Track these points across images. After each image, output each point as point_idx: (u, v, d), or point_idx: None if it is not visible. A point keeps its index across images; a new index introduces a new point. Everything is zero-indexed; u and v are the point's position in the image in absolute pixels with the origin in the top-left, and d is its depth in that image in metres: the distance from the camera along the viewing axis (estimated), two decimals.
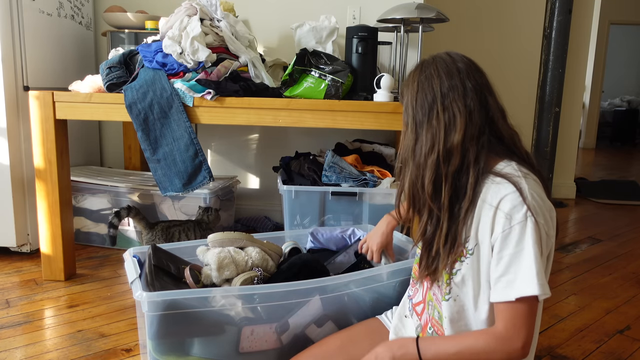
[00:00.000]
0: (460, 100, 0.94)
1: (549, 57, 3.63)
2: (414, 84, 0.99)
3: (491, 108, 0.97)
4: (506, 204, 0.89)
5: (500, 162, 0.96)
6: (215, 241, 1.45)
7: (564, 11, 3.55)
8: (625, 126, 8.81)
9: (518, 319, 0.88)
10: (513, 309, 0.88)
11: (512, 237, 0.87)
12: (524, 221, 0.87)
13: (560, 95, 3.67)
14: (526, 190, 0.89)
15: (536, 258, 0.86)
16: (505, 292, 0.88)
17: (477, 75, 0.98)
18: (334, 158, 2.15)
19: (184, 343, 1.23)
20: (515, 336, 0.88)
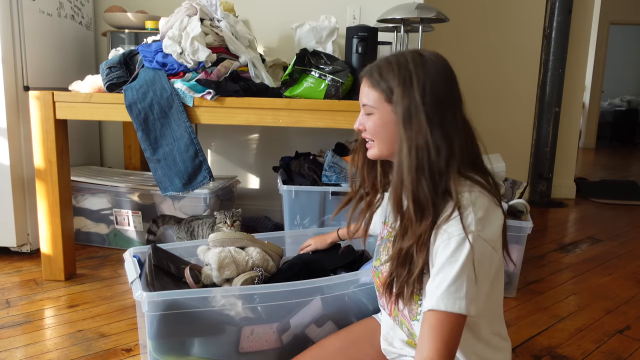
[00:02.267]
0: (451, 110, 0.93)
1: (549, 57, 3.64)
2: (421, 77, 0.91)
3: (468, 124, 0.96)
4: (450, 224, 0.86)
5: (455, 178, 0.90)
6: (216, 241, 1.45)
7: (564, 11, 3.55)
8: (625, 126, 8.81)
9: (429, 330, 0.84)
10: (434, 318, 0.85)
11: (449, 248, 0.85)
12: (463, 237, 0.84)
13: (560, 95, 3.67)
14: (471, 210, 0.86)
15: (469, 275, 0.83)
16: (433, 300, 0.85)
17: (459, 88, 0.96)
18: (334, 158, 2.15)
19: (184, 343, 1.23)
20: (424, 346, 0.84)
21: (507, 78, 3.73)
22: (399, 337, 1.10)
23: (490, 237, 0.87)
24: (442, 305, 0.84)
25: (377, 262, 1.10)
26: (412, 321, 0.99)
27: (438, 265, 0.87)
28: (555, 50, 3.60)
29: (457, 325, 0.85)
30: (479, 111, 3.70)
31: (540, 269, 2.36)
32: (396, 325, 1.11)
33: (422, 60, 0.93)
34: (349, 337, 1.21)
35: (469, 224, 0.85)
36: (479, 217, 0.86)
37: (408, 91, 0.91)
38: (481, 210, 0.87)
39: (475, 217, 0.86)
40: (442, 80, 0.92)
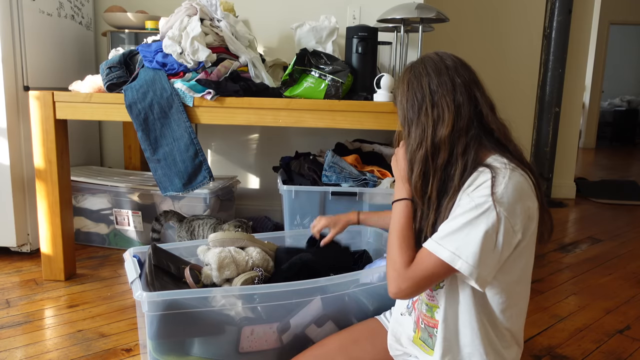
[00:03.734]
0: (449, 96, 0.97)
1: (549, 57, 3.64)
2: (404, 84, 1.02)
3: (480, 102, 1.00)
4: (478, 189, 0.91)
5: (491, 156, 0.97)
6: (216, 241, 1.45)
7: (564, 11, 3.55)
8: (625, 126, 8.81)
9: (424, 268, 0.93)
10: (428, 258, 0.92)
11: (477, 210, 0.89)
12: (491, 207, 0.88)
13: (560, 95, 3.67)
14: (503, 182, 0.90)
15: (485, 242, 0.88)
16: (437, 246, 0.92)
17: (465, 72, 1.00)
18: (334, 158, 2.15)
19: (184, 343, 1.23)
20: (407, 276, 0.93)
21: (507, 78, 3.73)
22: (407, 333, 1.11)
23: (513, 216, 0.90)
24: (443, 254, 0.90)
25: None
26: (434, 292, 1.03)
27: (459, 221, 0.90)
28: (555, 50, 3.60)
29: (441, 274, 0.92)
30: None
31: (540, 269, 2.36)
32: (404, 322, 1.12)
33: (410, 68, 1.04)
34: (350, 336, 1.21)
35: (497, 198, 0.89)
36: (510, 194, 0.90)
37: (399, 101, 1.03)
38: (514, 188, 0.90)
39: (506, 191, 0.89)
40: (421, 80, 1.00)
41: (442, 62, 1.01)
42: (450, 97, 0.97)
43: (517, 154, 0.99)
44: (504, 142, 1.00)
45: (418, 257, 0.94)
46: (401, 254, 0.96)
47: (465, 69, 1.01)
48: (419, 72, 1.00)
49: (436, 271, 0.92)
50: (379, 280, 1.34)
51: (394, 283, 0.95)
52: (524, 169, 0.95)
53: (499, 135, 1.00)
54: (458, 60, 1.02)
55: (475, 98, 0.99)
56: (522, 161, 0.98)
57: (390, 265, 0.97)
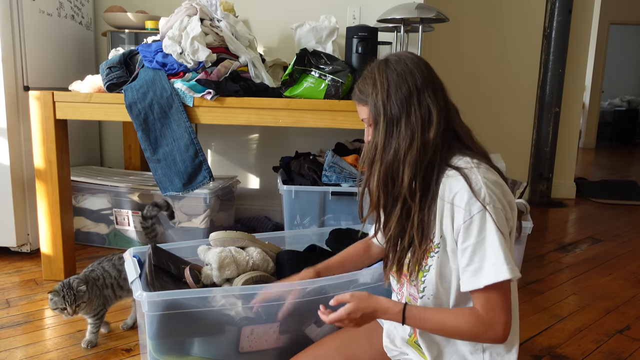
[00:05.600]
0: (432, 95, 0.97)
1: (549, 57, 3.63)
2: (384, 80, 0.98)
3: (450, 105, 1.01)
4: (461, 199, 0.91)
5: (454, 156, 0.97)
6: (217, 240, 1.45)
7: (564, 11, 3.55)
8: (625, 126, 8.80)
9: (495, 304, 0.90)
10: (488, 295, 0.90)
11: (473, 227, 0.89)
12: (483, 210, 0.89)
13: (560, 95, 3.67)
14: (479, 180, 0.91)
15: (501, 243, 0.88)
16: (472, 281, 0.90)
17: (436, 74, 1.01)
18: (334, 158, 2.15)
19: (184, 343, 1.23)
20: (495, 321, 0.90)
21: (507, 78, 3.73)
22: (400, 335, 1.11)
23: (504, 207, 0.91)
24: (488, 280, 0.88)
25: None
26: (418, 300, 1.02)
27: (470, 248, 0.90)
28: (555, 50, 3.60)
29: (507, 290, 0.91)
30: (479, 111, 3.70)
31: (540, 269, 2.36)
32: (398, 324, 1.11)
33: (386, 65, 1.00)
34: (348, 336, 1.21)
35: (483, 197, 0.89)
36: (492, 190, 0.91)
37: (374, 98, 0.99)
38: (492, 184, 0.92)
39: (488, 190, 0.90)
40: (405, 76, 0.97)
41: (420, 60, 1.00)
42: (434, 97, 0.97)
43: (480, 152, 1.00)
44: (469, 143, 1.01)
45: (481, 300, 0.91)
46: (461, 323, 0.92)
47: (435, 72, 1.02)
48: (401, 69, 0.97)
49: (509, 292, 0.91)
50: (377, 281, 1.34)
51: (494, 337, 0.91)
52: (487, 163, 0.97)
53: (464, 137, 1.01)
54: (428, 63, 1.02)
55: (447, 101, 1.00)
56: (486, 157, 1.00)
57: (472, 335, 0.93)
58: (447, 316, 0.95)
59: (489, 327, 0.90)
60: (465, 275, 0.91)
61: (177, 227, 2.36)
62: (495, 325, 0.90)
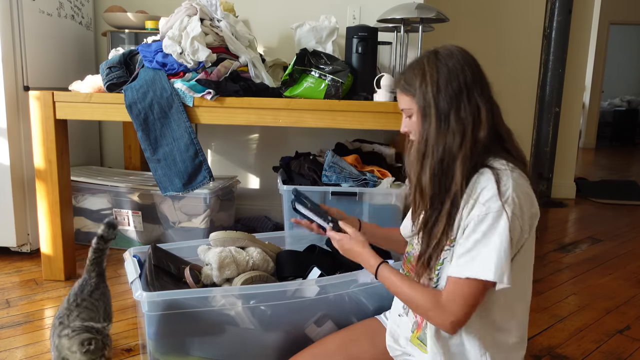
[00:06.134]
0: (482, 94, 0.96)
1: (549, 57, 3.63)
2: (434, 72, 0.96)
3: (495, 105, 1.00)
4: (485, 195, 0.90)
5: (491, 157, 0.96)
6: (217, 240, 1.45)
7: (564, 11, 3.55)
8: (625, 126, 8.80)
9: (459, 295, 0.91)
10: (459, 285, 0.91)
11: (484, 223, 0.89)
12: (499, 211, 0.88)
13: (560, 95, 3.67)
14: (509, 182, 0.90)
15: (501, 247, 0.88)
16: (461, 269, 0.91)
17: (484, 73, 1.00)
18: (334, 158, 2.15)
19: (184, 343, 1.23)
20: (451, 310, 0.91)
21: (507, 78, 3.73)
22: (404, 334, 1.12)
23: (522, 216, 0.91)
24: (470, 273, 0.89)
25: (409, 247, 1.14)
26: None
27: (472, 241, 0.90)
28: (555, 50, 3.60)
29: (480, 292, 0.91)
30: None
31: (540, 269, 2.36)
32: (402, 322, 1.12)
33: (436, 57, 0.98)
34: (349, 336, 1.21)
35: (506, 199, 0.89)
36: (518, 196, 0.90)
37: (423, 90, 0.97)
38: (520, 190, 0.91)
39: (513, 194, 0.89)
40: (456, 72, 0.96)
41: (470, 57, 0.99)
42: (484, 95, 0.96)
43: (519, 157, 0.99)
44: (509, 146, 0.99)
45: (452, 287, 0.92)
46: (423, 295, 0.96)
47: (482, 69, 1.00)
48: (452, 63, 0.96)
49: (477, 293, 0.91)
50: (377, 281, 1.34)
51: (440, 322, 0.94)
52: (522, 170, 0.96)
53: (505, 139, 0.99)
54: (476, 59, 1.00)
55: (493, 100, 1.00)
56: (523, 163, 0.98)
57: (424, 311, 0.96)
58: (413, 286, 0.98)
59: (441, 312, 0.92)
60: (459, 261, 0.92)
61: (177, 227, 2.36)
62: (447, 314, 0.92)
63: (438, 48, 1.01)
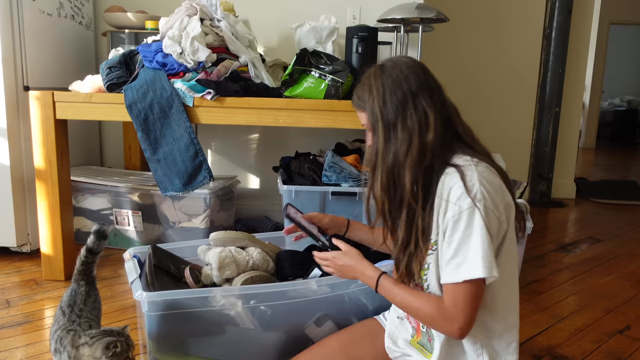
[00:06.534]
0: (428, 98, 0.98)
1: (549, 57, 3.63)
2: (379, 86, 0.99)
3: (448, 106, 1.01)
4: (454, 194, 0.91)
5: (455, 155, 0.98)
6: (217, 240, 1.45)
7: (564, 11, 3.55)
8: (625, 126, 8.80)
9: (460, 300, 0.91)
10: (457, 290, 0.91)
11: (461, 222, 0.90)
12: (472, 207, 0.89)
13: (560, 95, 3.67)
14: (474, 177, 0.91)
15: (483, 242, 0.89)
16: (453, 275, 0.91)
17: (434, 77, 1.02)
18: (334, 158, 2.15)
19: (184, 343, 1.23)
20: (455, 316, 0.91)
21: (507, 78, 3.73)
22: (403, 336, 1.12)
23: (496, 207, 0.91)
24: (464, 276, 0.89)
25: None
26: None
27: (455, 242, 0.91)
28: (555, 50, 3.60)
29: (478, 291, 0.91)
30: (479, 111, 3.70)
31: (540, 269, 2.36)
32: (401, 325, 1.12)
33: (381, 70, 1.01)
34: (349, 336, 1.21)
35: (475, 194, 0.90)
36: (486, 189, 0.91)
37: (370, 104, 1.00)
38: (487, 183, 0.92)
39: (481, 188, 0.90)
40: (400, 81, 0.98)
41: (416, 65, 1.01)
42: (431, 100, 0.97)
43: (482, 151, 1.01)
44: (471, 143, 1.01)
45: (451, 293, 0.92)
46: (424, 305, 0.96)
47: (432, 74, 1.02)
48: (396, 74, 0.98)
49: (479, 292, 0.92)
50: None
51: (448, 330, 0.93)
52: (488, 162, 0.97)
53: (466, 137, 1.01)
54: (424, 65, 1.03)
55: (446, 101, 1.01)
56: (488, 157, 1.00)
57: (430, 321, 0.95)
58: (415, 297, 0.97)
59: (446, 320, 0.92)
60: (448, 268, 0.92)
61: (177, 227, 2.36)
62: (452, 321, 0.91)
63: (385, 61, 1.03)
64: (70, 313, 1.22)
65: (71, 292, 1.29)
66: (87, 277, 1.33)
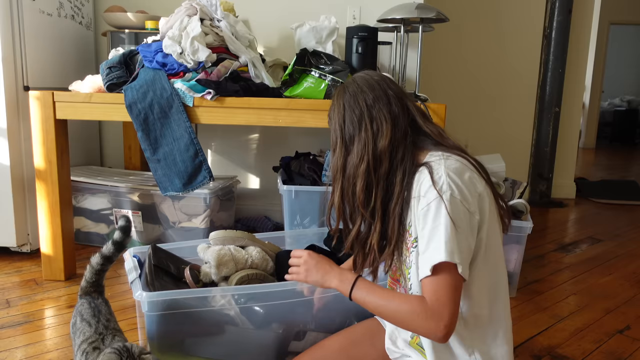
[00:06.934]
0: (385, 108, 1.01)
1: (549, 57, 3.63)
2: (340, 105, 1.04)
3: (412, 111, 1.04)
4: (422, 188, 0.93)
5: (428, 154, 1.00)
6: (217, 239, 1.45)
7: (564, 11, 3.55)
8: (625, 126, 8.81)
9: (442, 293, 0.89)
10: (435, 282, 0.90)
11: (429, 215, 0.91)
12: (438, 199, 0.90)
13: (560, 95, 3.67)
14: (441, 169, 0.93)
15: (447, 229, 0.89)
16: (423, 268, 0.91)
17: (394, 85, 1.05)
18: None
19: (184, 343, 1.23)
20: (439, 312, 0.88)
21: (507, 78, 3.73)
22: (403, 337, 1.12)
23: (464, 198, 0.92)
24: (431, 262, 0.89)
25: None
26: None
27: (426, 235, 0.91)
28: (555, 50, 3.60)
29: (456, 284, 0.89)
30: (479, 111, 3.70)
31: (540, 269, 2.36)
32: None
33: (343, 89, 1.06)
34: (350, 337, 1.21)
35: (441, 186, 0.91)
36: (453, 180, 0.92)
37: (332, 124, 1.06)
38: (455, 175, 0.93)
39: (448, 180, 0.92)
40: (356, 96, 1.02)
41: (372, 78, 1.04)
42: (387, 109, 1.01)
43: (453, 146, 1.02)
44: (440, 140, 1.03)
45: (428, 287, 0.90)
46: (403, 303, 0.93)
47: (393, 82, 1.05)
48: (353, 90, 1.03)
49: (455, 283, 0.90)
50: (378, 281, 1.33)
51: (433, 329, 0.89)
52: (460, 155, 0.99)
53: (435, 137, 1.03)
54: (385, 76, 1.06)
55: (408, 108, 1.03)
56: (460, 149, 1.02)
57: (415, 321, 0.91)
58: (394, 298, 0.96)
59: (429, 316, 0.88)
60: (421, 263, 0.92)
61: (177, 227, 2.36)
62: (436, 317, 0.88)
63: (349, 78, 1.08)
64: (97, 324, 1.18)
65: (89, 303, 1.24)
66: (99, 287, 1.30)
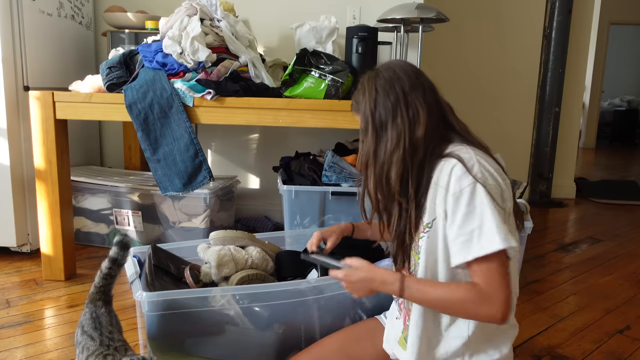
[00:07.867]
0: (421, 97, 1.00)
1: (549, 57, 3.63)
2: (372, 89, 1.02)
3: (442, 104, 1.04)
4: (454, 175, 0.92)
5: (452, 145, 1.00)
6: (217, 239, 1.45)
7: (564, 11, 3.55)
8: (625, 126, 8.81)
9: (494, 277, 0.88)
10: (485, 267, 0.89)
11: (462, 199, 0.90)
12: (473, 183, 0.90)
13: (560, 95, 3.67)
14: (472, 158, 0.93)
15: (493, 214, 0.88)
16: (462, 253, 0.90)
17: (427, 78, 1.05)
18: (334, 158, 2.15)
19: (184, 343, 1.23)
20: (494, 295, 0.88)
21: (507, 78, 3.73)
22: (393, 335, 1.12)
23: (498, 185, 0.92)
24: (479, 252, 0.88)
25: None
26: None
27: (460, 218, 0.90)
28: (555, 50, 3.60)
29: (504, 265, 0.89)
30: (479, 111, 3.70)
31: (540, 269, 2.36)
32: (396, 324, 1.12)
33: (375, 74, 1.04)
34: (350, 336, 1.21)
35: (475, 172, 0.91)
36: (486, 168, 0.93)
37: (363, 108, 1.04)
38: (486, 165, 0.94)
39: (481, 167, 0.92)
40: (392, 82, 1.01)
41: (409, 66, 1.04)
42: (423, 98, 1.00)
43: (479, 144, 1.02)
44: (466, 136, 1.03)
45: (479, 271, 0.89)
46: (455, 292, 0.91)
47: (425, 75, 1.05)
48: (389, 76, 1.02)
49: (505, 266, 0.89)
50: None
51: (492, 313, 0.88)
52: (483, 151, 0.99)
53: (461, 132, 1.03)
54: (417, 67, 1.06)
55: (439, 100, 1.04)
56: (484, 148, 1.02)
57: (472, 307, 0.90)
58: (444, 288, 0.94)
59: (485, 301, 0.88)
60: (454, 248, 0.92)
61: (177, 227, 2.36)
62: (493, 300, 0.87)
63: (380, 65, 1.07)
64: (100, 337, 1.11)
65: (90, 314, 1.18)
66: (105, 296, 1.23)
